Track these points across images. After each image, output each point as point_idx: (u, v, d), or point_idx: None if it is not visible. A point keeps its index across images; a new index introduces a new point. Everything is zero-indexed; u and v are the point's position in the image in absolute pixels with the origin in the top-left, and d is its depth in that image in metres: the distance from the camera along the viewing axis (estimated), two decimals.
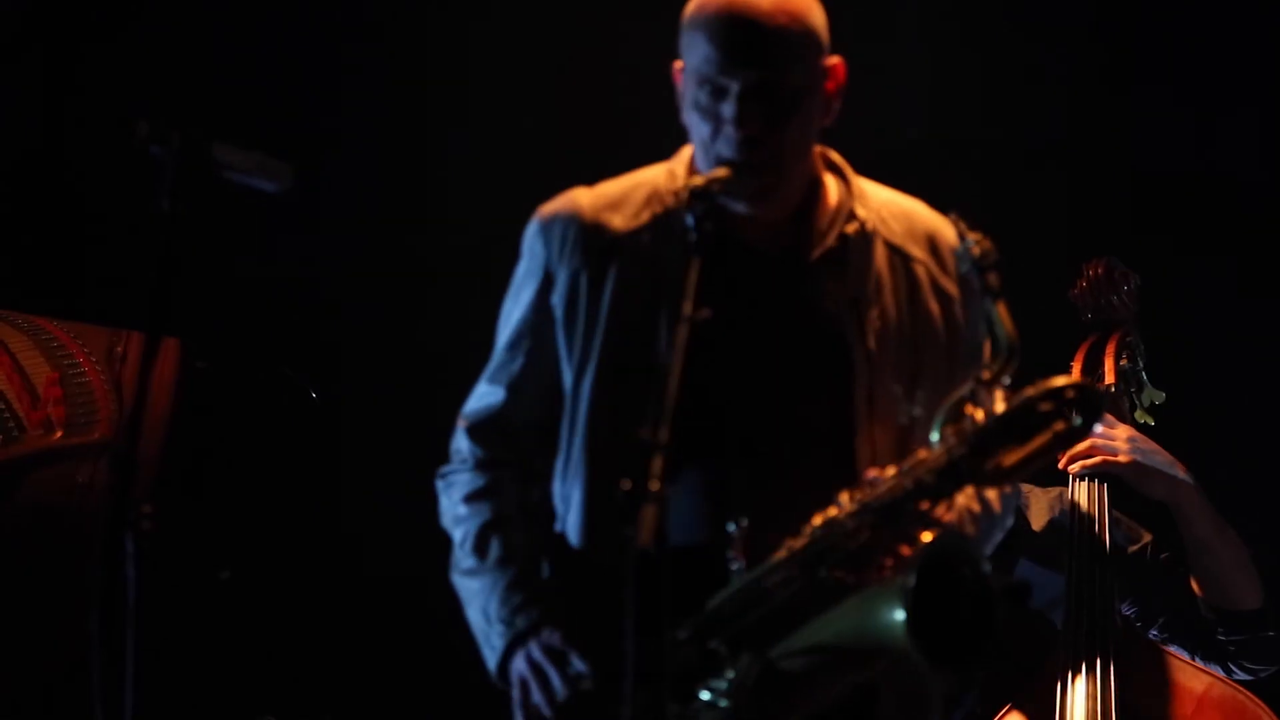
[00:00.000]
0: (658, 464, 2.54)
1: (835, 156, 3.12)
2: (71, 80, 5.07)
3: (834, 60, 3.01)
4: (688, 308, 2.71)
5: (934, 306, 3.05)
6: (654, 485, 2.53)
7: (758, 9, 2.92)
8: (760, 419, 2.98)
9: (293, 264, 5.26)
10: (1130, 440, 4.22)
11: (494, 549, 3.09)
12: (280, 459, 5.23)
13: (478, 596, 3.08)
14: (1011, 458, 2.74)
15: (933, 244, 3.08)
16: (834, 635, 2.77)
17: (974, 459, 2.75)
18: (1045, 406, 2.73)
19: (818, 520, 2.81)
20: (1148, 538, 4.35)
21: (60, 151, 5.04)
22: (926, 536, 2.76)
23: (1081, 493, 4.22)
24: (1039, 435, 2.73)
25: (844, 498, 2.81)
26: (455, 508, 3.16)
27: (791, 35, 2.92)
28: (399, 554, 5.20)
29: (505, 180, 5.23)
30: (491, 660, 3.07)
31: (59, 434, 4.38)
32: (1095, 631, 4.08)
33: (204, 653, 5.00)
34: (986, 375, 2.78)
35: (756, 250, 3.03)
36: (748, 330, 2.98)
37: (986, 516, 3.02)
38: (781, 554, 2.82)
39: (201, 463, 4.75)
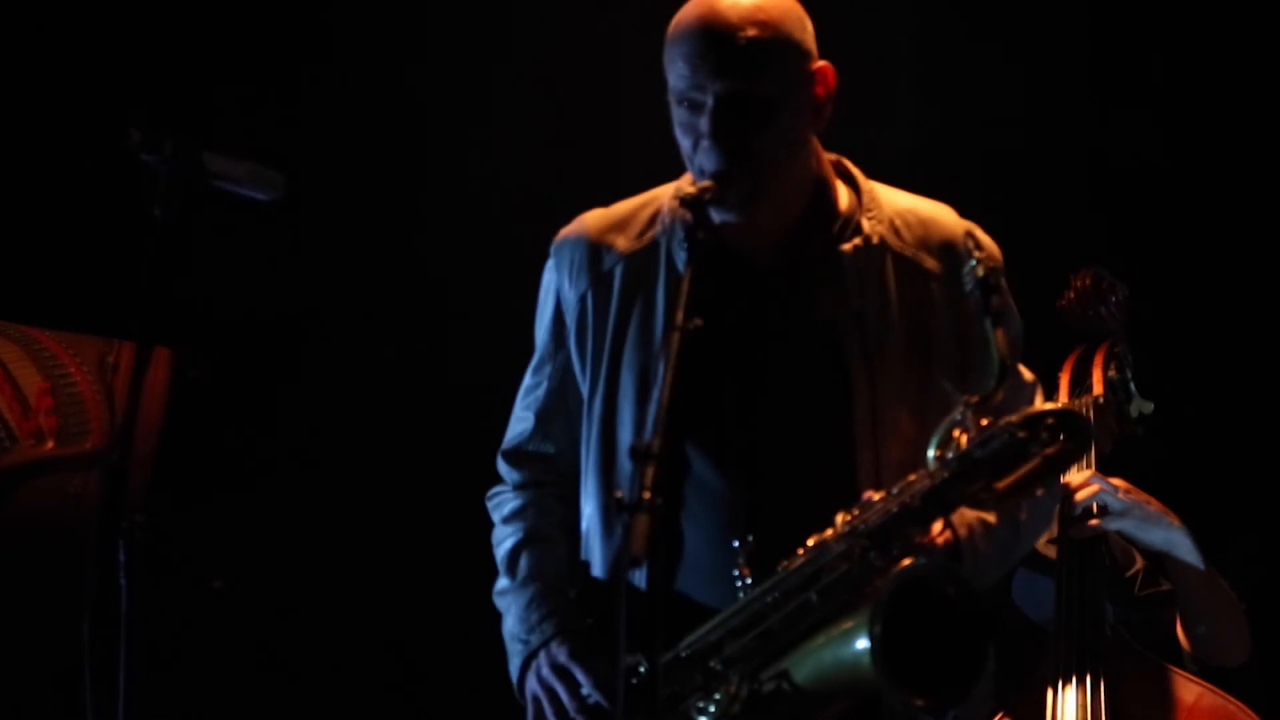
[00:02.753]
0: (650, 474, 2.54)
1: (848, 165, 3.12)
2: (63, 87, 5.06)
3: (821, 64, 3.01)
4: (679, 317, 2.71)
5: (945, 319, 3.03)
6: (647, 495, 2.53)
7: (727, 21, 2.92)
8: (758, 433, 2.98)
9: (285, 272, 5.25)
10: (1125, 494, 4.20)
11: (521, 567, 3.12)
12: (271, 466, 5.23)
13: (507, 615, 3.11)
14: (1003, 482, 2.72)
15: (949, 253, 3.06)
16: (817, 662, 2.77)
17: (959, 484, 2.74)
18: (1022, 434, 2.71)
19: (810, 542, 2.81)
20: (1139, 564, 4.35)
21: (51, 159, 5.03)
22: (905, 562, 2.75)
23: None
24: (1029, 460, 2.71)
25: (838, 519, 2.81)
26: (497, 530, 3.20)
27: (763, 45, 2.93)
28: (390, 561, 5.20)
29: (505, 189, 5.23)
30: (513, 677, 3.08)
31: (51, 444, 4.38)
32: (1085, 640, 4.08)
33: (197, 662, 4.99)
34: (973, 399, 2.76)
35: (756, 263, 3.03)
36: (746, 343, 2.98)
37: (1008, 527, 2.99)
38: (776, 576, 2.83)
39: (194, 471, 4.75)
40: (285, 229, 4.84)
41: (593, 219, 3.16)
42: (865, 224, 3.04)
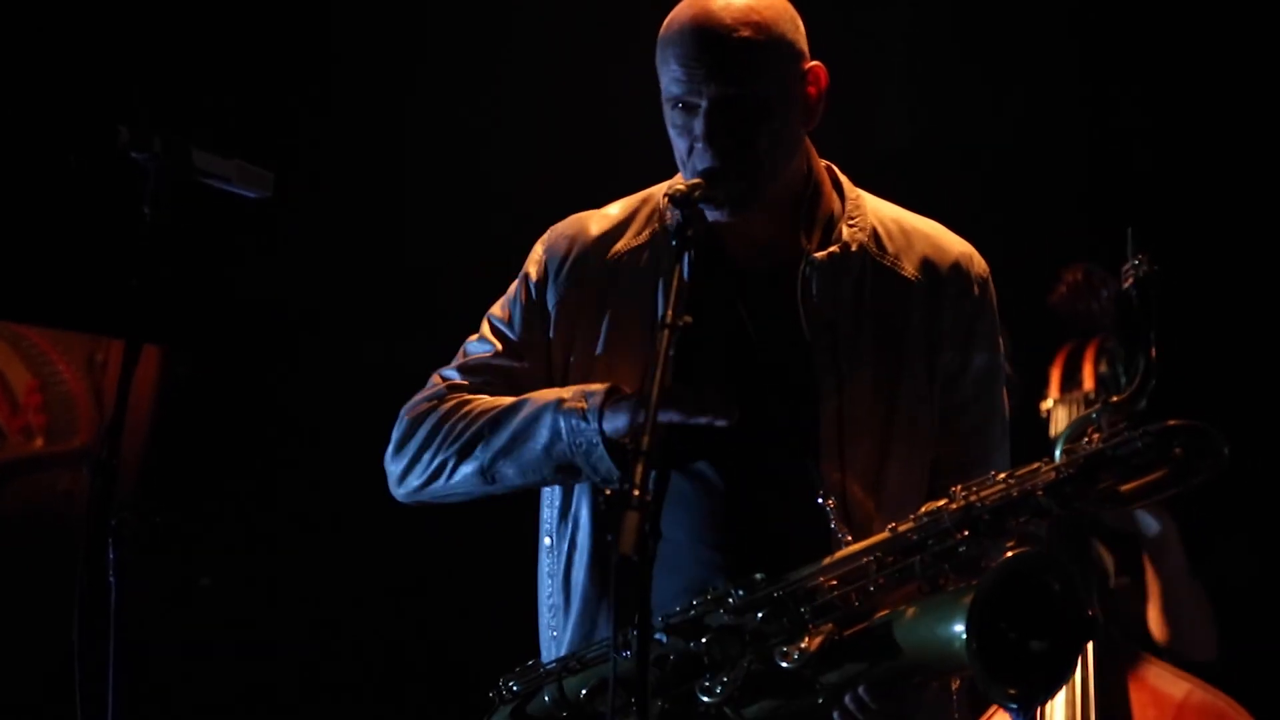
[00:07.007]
0: (639, 471, 2.53)
1: (837, 171, 3.12)
2: (52, 85, 5.06)
3: (812, 64, 3.01)
4: (669, 315, 2.70)
5: (920, 329, 3.03)
6: (636, 493, 2.52)
7: (720, 23, 2.92)
8: (728, 436, 2.96)
9: (274, 269, 5.25)
10: None
11: (527, 402, 2.97)
12: (261, 462, 5.23)
13: (537, 435, 2.93)
14: (1128, 486, 2.75)
15: (931, 265, 3.05)
16: (907, 631, 2.76)
17: (1085, 480, 2.75)
18: (1155, 443, 2.74)
19: (924, 509, 2.81)
20: (1109, 560, 4.36)
21: (41, 157, 5.03)
22: (1011, 550, 2.75)
23: None
24: (1156, 469, 2.74)
25: (955, 491, 2.80)
26: (458, 410, 3.05)
27: (756, 46, 2.92)
28: (379, 556, 5.20)
29: (488, 188, 5.23)
30: (592, 435, 2.92)
31: (40, 441, 4.38)
32: None
33: (187, 659, 4.99)
34: (1116, 399, 2.81)
35: (740, 266, 3.02)
36: (723, 347, 2.97)
37: None
38: (884, 536, 2.82)
39: (184, 468, 4.75)
40: (277, 226, 4.84)
41: (587, 217, 3.15)
42: (845, 231, 3.04)
